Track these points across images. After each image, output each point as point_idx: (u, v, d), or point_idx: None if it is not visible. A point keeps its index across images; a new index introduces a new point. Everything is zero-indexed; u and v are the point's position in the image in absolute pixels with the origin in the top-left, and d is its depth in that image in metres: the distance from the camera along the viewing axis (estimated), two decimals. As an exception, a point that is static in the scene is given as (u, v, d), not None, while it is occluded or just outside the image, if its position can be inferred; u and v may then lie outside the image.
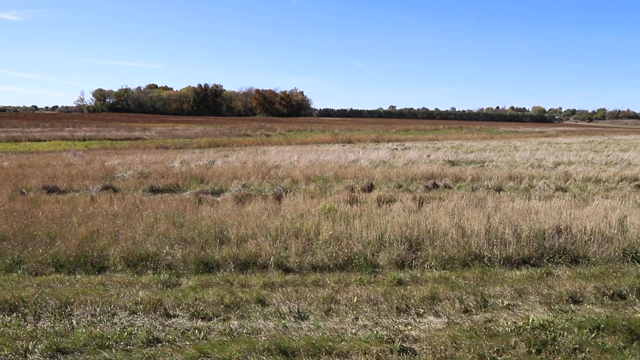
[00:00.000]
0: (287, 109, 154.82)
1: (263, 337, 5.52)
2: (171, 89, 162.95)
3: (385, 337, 5.50)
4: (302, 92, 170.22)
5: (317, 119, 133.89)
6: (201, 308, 6.27)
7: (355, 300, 6.57)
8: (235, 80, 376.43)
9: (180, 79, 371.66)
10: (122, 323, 5.86)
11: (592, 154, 28.75)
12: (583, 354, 5.22)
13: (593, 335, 5.64)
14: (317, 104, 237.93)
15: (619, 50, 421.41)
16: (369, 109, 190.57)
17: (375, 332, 5.67)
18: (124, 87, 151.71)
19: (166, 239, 8.65)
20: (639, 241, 8.96)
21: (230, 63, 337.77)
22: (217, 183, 15.16)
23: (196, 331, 5.67)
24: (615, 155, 27.67)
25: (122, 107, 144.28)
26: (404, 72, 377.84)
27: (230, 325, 5.83)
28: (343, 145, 35.10)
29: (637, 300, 6.82)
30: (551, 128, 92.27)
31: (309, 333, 5.68)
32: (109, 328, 5.71)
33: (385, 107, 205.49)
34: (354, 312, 6.29)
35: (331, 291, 6.87)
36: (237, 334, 5.65)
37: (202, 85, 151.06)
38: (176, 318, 6.05)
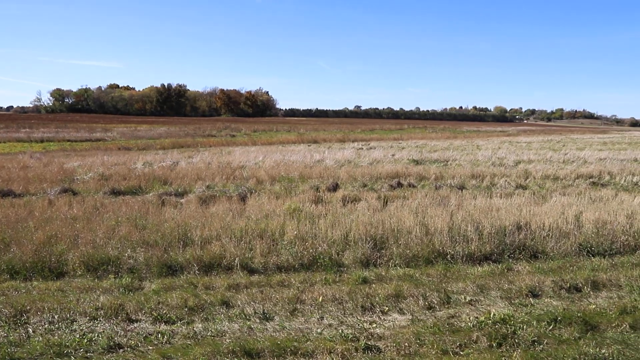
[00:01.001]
0: (253, 109, 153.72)
1: (228, 339, 5.47)
2: (133, 88, 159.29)
3: (351, 336, 5.53)
4: (268, 92, 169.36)
5: (283, 119, 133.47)
6: (164, 312, 6.15)
7: (320, 299, 6.58)
8: (200, 80, 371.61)
9: (142, 78, 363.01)
10: (81, 329, 5.69)
11: (551, 153, 29.68)
12: (541, 346, 5.38)
13: (551, 327, 5.82)
14: (283, 104, 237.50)
15: (575, 52, 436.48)
16: (334, 109, 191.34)
17: (340, 330, 5.70)
18: (84, 87, 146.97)
19: (128, 242, 8.46)
20: (593, 236, 9.29)
21: (194, 63, 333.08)
22: (181, 184, 14.93)
23: (159, 335, 5.56)
24: (572, 154, 28.65)
25: (82, 108, 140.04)
26: (369, 72, 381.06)
27: (194, 328, 5.75)
28: (309, 145, 35.11)
29: (591, 293, 7.08)
30: (512, 127, 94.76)
31: (274, 334, 5.66)
32: (68, 335, 5.54)
33: (351, 107, 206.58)
34: (320, 311, 6.30)
35: (296, 291, 6.86)
36: (201, 336, 5.57)
37: (165, 85, 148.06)
38: (138, 323, 5.92)
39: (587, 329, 5.80)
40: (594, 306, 6.55)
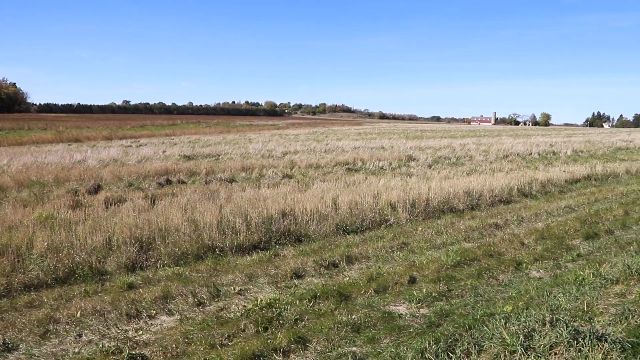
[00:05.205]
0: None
1: (-47, 383, 4.54)
2: None
3: (113, 349, 5.11)
4: (15, 83, 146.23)
5: (37, 115, 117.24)
6: None
7: (79, 314, 5.95)
8: None
9: None
10: None
11: (315, 143, 32.37)
12: (303, 322, 5.78)
13: (311, 304, 6.30)
14: (36, 98, 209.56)
15: (330, 52, 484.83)
16: (99, 104, 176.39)
17: (101, 345, 5.22)
18: None
19: None
20: (348, 216, 10.41)
21: None
22: None
23: None
24: (332, 144, 31.72)
25: None
26: (137, 65, 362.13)
27: None
28: (69, 145, 31.66)
29: (346, 267, 7.90)
30: (282, 121, 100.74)
31: (18, 364, 4.90)
32: None
33: (119, 102, 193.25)
34: (77, 328, 5.68)
35: (49, 310, 6.07)
36: None
37: None
38: None
39: (341, 300, 6.44)
40: (347, 278, 7.31)
